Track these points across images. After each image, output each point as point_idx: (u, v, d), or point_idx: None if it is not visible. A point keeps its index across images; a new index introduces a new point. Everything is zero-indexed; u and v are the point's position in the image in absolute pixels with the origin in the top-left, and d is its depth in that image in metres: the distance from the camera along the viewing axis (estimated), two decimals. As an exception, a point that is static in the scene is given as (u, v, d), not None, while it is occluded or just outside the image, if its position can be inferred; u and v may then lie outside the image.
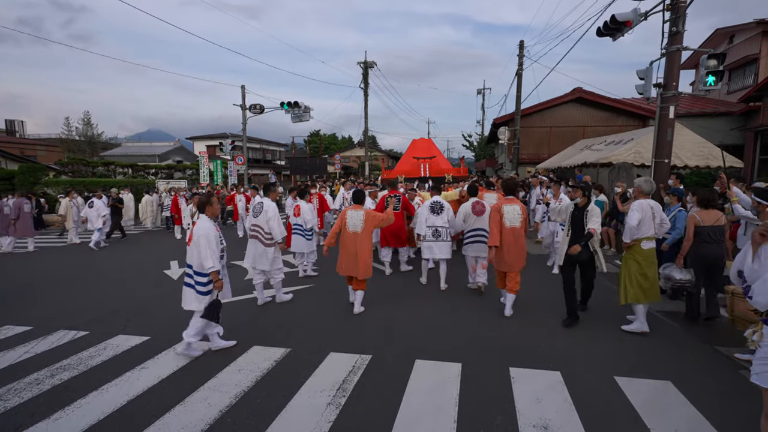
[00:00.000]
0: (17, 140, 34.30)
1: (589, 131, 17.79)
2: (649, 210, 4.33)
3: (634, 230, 4.32)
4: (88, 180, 18.83)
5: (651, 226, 4.35)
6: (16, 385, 3.48)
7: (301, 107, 18.58)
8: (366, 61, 25.64)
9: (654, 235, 4.41)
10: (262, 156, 37.48)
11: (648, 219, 4.33)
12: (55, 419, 2.99)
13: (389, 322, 4.87)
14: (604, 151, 11.38)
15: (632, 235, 4.36)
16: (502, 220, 4.83)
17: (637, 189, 4.52)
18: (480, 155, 36.66)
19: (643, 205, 4.34)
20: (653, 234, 4.40)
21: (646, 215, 4.31)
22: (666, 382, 3.41)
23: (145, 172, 26.04)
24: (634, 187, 4.62)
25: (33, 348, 4.23)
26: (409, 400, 3.16)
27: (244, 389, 3.37)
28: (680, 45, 7.73)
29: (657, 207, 4.39)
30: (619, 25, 8.43)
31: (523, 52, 17.97)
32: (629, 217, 4.34)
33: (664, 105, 8.00)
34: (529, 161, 18.56)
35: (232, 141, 21.36)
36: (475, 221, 5.78)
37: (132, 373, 3.67)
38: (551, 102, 18.95)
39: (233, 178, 20.61)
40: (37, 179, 18.88)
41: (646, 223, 4.32)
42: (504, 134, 18.54)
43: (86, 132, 32.72)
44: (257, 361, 3.86)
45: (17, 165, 22.33)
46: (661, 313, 5.12)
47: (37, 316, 5.20)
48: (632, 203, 4.50)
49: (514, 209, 4.89)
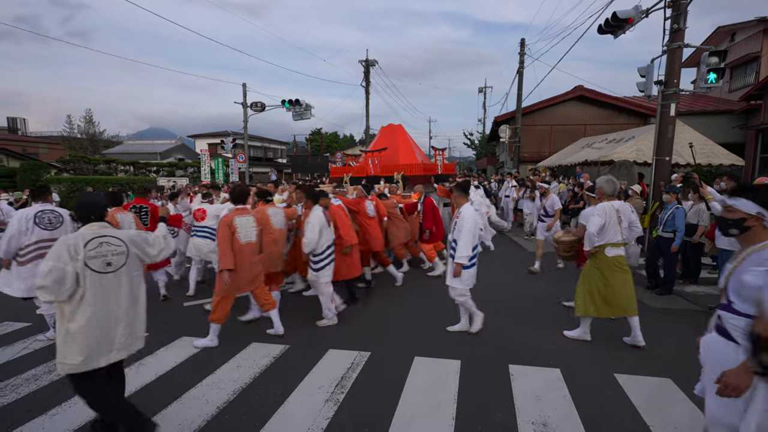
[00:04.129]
0: (19, 138, 34.36)
1: (591, 129, 17.74)
2: (613, 213, 3.94)
3: (593, 237, 3.92)
4: (89, 178, 18.85)
5: (617, 231, 3.95)
6: (14, 381, 3.48)
7: (303, 105, 18.55)
8: (367, 59, 25.57)
9: (621, 241, 4.01)
10: (263, 154, 37.48)
11: (613, 223, 3.93)
12: (51, 415, 2.99)
13: (388, 319, 4.86)
14: (605, 149, 11.35)
15: (592, 242, 3.95)
16: (236, 235, 4.00)
17: (600, 190, 4.09)
18: (481, 153, 36.63)
19: (606, 209, 3.92)
20: (620, 239, 4.00)
21: (610, 219, 3.92)
22: (666, 379, 3.39)
23: (146, 169, 26.07)
24: (597, 188, 4.15)
25: (31, 344, 4.23)
26: (408, 397, 3.15)
27: (242, 385, 3.36)
28: (681, 42, 7.68)
29: (624, 209, 4.01)
30: (620, 22, 8.38)
31: (524, 50, 17.91)
32: (589, 222, 3.95)
33: (665, 102, 7.95)
34: (530, 159, 18.51)
35: (233, 139, 21.36)
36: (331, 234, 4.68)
37: (129, 369, 3.65)
38: (553, 100, 18.89)
39: (234, 176, 20.61)
40: (39, 177, 18.91)
41: (610, 228, 3.93)
42: (505, 132, 18.50)
43: (88, 130, 32.74)
44: (256, 358, 3.85)
45: (19, 163, 22.38)
46: (659, 311, 5.10)
47: (36, 313, 5.20)
48: (594, 207, 4.07)
49: (248, 221, 4.14)
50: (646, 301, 5.35)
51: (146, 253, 2.66)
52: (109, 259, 2.42)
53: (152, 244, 2.71)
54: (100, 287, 2.37)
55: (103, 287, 2.38)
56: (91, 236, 2.39)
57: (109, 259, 2.41)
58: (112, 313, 2.42)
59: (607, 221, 3.91)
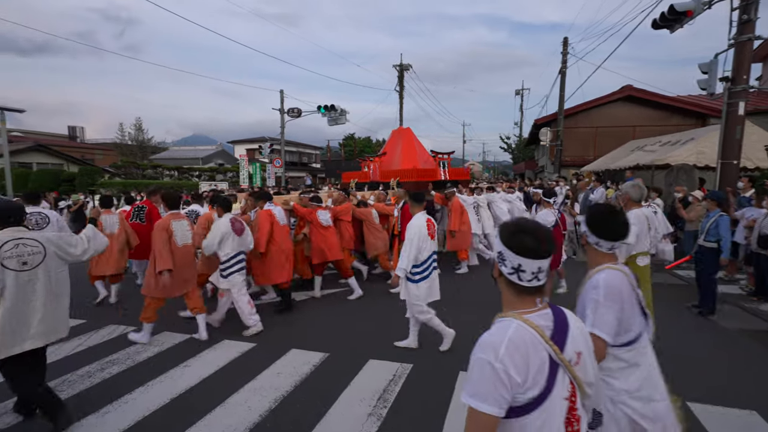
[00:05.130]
0: (78, 144, 37.23)
1: (640, 131, 16.67)
2: (644, 221, 3.80)
3: (630, 247, 3.75)
4: (138, 182, 20.01)
5: (647, 240, 3.84)
6: (70, 377, 3.62)
7: (338, 110, 18.79)
8: (402, 63, 25.57)
9: (648, 250, 3.90)
10: (298, 159, 38.34)
11: (645, 232, 3.80)
12: (103, 413, 3.06)
13: (429, 329, 4.67)
14: (659, 152, 10.57)
15: (629, 251, 3.78)
16: (172, 239, 4.23)
17: (626, 197, 3.92)
18: (518, 158, 35.54)
19: (639, 216, 3.76)
20: (648, 248, 3.88)
21: (642, 227, 3.77)
22: (751, 411, 2.99)
23: (189, 174, 27.35)
24: (622, 194, 4.03)
25: (86, 341, 4.41)
26: (456, 414, 2.96)
27: (283, 393, 3.31)
28: (752, 34, 7.02)
29: (652, 217, 3.92)
30: (678, 16, 7.80)
31: (567, 49, 17.19)
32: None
33: (733, 101, 7.29)
34: (572, 163, 17.66)
35: (270, 144, 21.95)
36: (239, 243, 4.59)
37: (175, 370, 3.72)
38: (598, 101, 17.96)
39: (271, 180, 21.14)
40: (94, 181, 20.30)
41: (642, 236, 3.78)
42: (546, 135, 17.80)
43: (138, 137, 34.86)
44: (296, 365, 3.80)
45: (78, 168, 24.16)
46: (734, 332, 4.58)
47: (91, 310, 5.46)
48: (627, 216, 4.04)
49: (183, 225, 4.39)
50: (719, 321, 4.85)
51: (69, 253, 2.95)
52: (25, 258, 2.70)
53: (74, 245, 3.00)
54: (17, 284, 2.66)
55: (19, 284, 2.67)
56: (6, 239, 2.67)
57: (25, 259, 2.70)
58: (29, 306, 2.72)
59: (640, 229, 3.76)
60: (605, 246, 1.77)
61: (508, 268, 1.24)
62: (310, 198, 5.92)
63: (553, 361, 1.17)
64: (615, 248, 1.78)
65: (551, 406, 1.16)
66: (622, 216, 1.81)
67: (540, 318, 1.22)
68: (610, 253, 1.79)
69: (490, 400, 1.12)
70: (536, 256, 1.20)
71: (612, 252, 1.79)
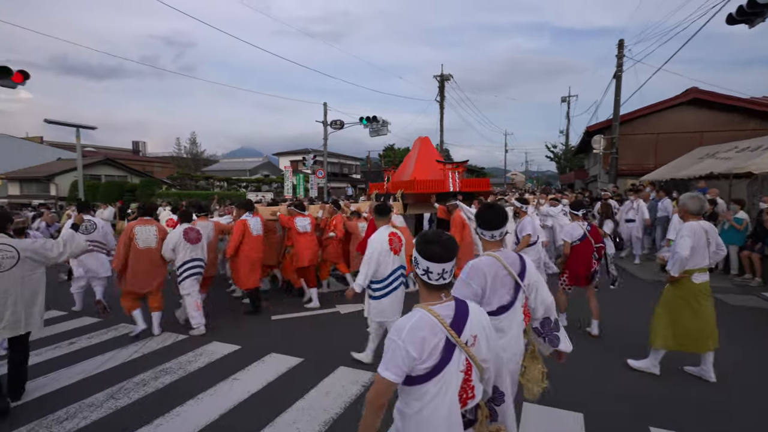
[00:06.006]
0: (140, 158, 40.43)
1: (709, 137, 15.18)
2: (702, 234, 3.52)
3: (685, 261, 3.49)
4: (192, 192, 21.19)
5: (705, 255, 3.55)
6: (126, 385, 3.67)
7: (380, 122, 18.85)
8: (442, 74, 25.37)
9: (708, 266, 3.60)
10: (339, 170, 39.02)
11: (702, 246, 3.52)
12: (156, 425, 3.04)
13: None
14: (736, 159, 9.50)
15: (683, 266, 3.52)
16: (134, 241, 4.79)
17: (683, 208, 3.67)
18: (565, 167, 33.87)
19: (695, 229, 3.50)
20: (707, 264, 3.58)
21: (699, 241, 3.49)
22: None
23: (237, 185, 28.64)
24: (680, 205, 3.76)
25: (141, 348, 4.52)
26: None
27: (333, 416, 3.13)
28: None
29: (712, 230, 3.62)
30: (759, 9, 7.04)
31: (622, 52, 16.17)
32: (679, 245, 3.51)
33: (834, 100, 6.36)
34: (630, 173, 16.43)
35: (313, 156, 22.48)
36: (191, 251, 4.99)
37: (225, 383, 3.67)
38: (658, 105, 16.66)
39: (314, 191, 21.58)
40: (153, 191, 21.78)
41: (699, 250, 3.50)
42: (599, 143, 16.71)
43: (192, 150, 37.16)
44: (345, 384, 3.62)
45: (139, 179, 26.11)
46: None
47: (146, 317, 5.64)
48: (681, 228, 3.61)
49: (149, 230, 4.92)
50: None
51: (46, 257, 3.46)
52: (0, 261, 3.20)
53: (51, 249, 3.49)
54: None
55: None
56: None
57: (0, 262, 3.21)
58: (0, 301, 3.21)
59: (697, 243, 3.48)
60: (487, 234, 2.14)
61: (420, 270, 1.56)
62: (293, 205, 6.22)
63: (449, 342, 1.47)
64: (495, 237, 2.13)
65: (447, 377, 1.46)
66: (497, 209, 2.15)
67: (443, 309, 1.52)
68: (493, 241, 2.15)
69: (391, 369, 1.45)
70: (441, 261, 1.52)
71: (494, 240, 2.14)
